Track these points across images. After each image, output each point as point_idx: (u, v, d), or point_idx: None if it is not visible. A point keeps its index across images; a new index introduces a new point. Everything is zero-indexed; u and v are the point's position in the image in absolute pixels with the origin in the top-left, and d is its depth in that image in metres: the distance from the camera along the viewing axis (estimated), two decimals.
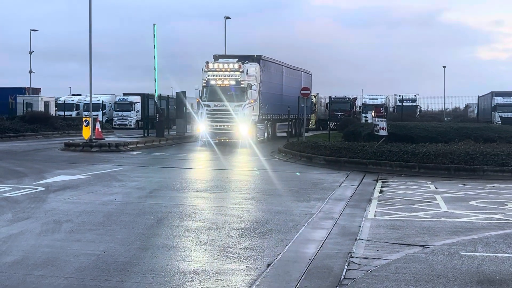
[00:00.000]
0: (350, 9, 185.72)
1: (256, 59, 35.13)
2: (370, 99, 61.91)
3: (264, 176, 18.69)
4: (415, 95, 65.18)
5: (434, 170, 18.95)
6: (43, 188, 14.65)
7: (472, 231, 10.05)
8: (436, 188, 15.73)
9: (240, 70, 32.11)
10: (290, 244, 9.03)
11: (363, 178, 17.92)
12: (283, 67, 40.30)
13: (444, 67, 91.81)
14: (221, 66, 32.58)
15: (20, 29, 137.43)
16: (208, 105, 31.96)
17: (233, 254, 8.41)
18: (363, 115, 56.92)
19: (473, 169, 18.53)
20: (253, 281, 7.10)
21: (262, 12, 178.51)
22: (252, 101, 32.36)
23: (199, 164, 24.05)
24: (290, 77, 41.96)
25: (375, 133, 24.17)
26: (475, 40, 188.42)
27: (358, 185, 16.37)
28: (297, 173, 19.45)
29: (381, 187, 16.00)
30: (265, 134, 36.11)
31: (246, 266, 7.75)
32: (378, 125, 24.26)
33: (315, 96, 58.60)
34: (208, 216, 11.60)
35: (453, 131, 25.76)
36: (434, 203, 13.13)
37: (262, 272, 7.45)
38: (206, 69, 32.64)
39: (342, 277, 7.28)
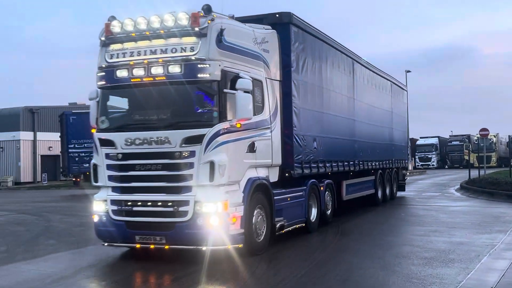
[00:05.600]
0: None
1: (279, 20, 11.05)
2: None
3: (446, 211, 17.60)
4: None
5: None
6: None
7: None
8: None
9: (196, 28, 8.50)
10: (472, 272, 8.35)
11: None
12: (355, 62, 15.92)
13: None
14: (143, 24, 8.80)
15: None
16: (112, 143, 9.02)
17: (418, 280, 8.02)
18: None
19: None
20: None
21: (435, 64, 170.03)
22: (238, 124, 8.75)
23: None
24: (368, 87, 17.41)
25: None
26: None
27: None
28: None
29: None
30: (314, 214, 12.31)
31: None
32: None
33: (495, 136, 54.81)
34: (394, 246, 11.22)
35: None
36: None
37: None
38: (105, 40, 9.17)
39: None
